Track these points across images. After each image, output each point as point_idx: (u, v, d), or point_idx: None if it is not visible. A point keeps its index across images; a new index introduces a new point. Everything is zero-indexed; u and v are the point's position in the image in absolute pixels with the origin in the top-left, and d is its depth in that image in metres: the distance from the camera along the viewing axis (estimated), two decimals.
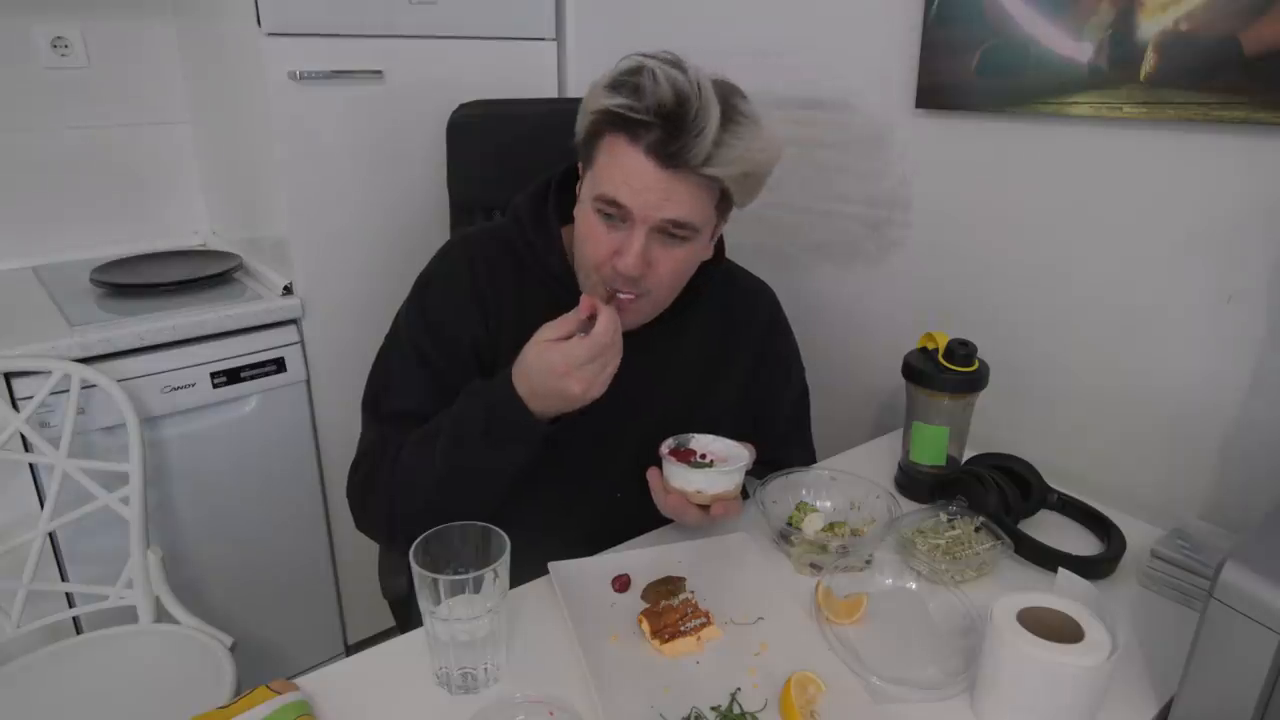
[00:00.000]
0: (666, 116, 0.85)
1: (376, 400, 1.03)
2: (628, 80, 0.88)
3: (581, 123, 0.93)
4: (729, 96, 0.89)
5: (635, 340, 1.03)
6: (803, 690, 0.76)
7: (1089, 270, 1.15)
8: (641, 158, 0.87)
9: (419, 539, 0.77)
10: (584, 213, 0.94)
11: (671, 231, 0.91)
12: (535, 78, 1.83)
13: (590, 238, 0.93)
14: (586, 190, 0.93)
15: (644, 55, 0.90)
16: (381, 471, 0.98)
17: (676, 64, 0.89)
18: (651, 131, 0.86)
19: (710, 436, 0.97)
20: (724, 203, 0.94)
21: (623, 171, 0.88)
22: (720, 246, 1.07)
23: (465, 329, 1.01)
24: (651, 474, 0.96)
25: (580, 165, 0.97)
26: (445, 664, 0.78)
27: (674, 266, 0.94)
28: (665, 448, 0.95)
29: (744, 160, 0.88)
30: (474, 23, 1.69)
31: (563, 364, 0.85)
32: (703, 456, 0.95)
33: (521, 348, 1.01)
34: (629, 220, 0.90)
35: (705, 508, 0.92)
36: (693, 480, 0.91)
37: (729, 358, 1.11)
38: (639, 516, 1.00)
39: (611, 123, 0.88)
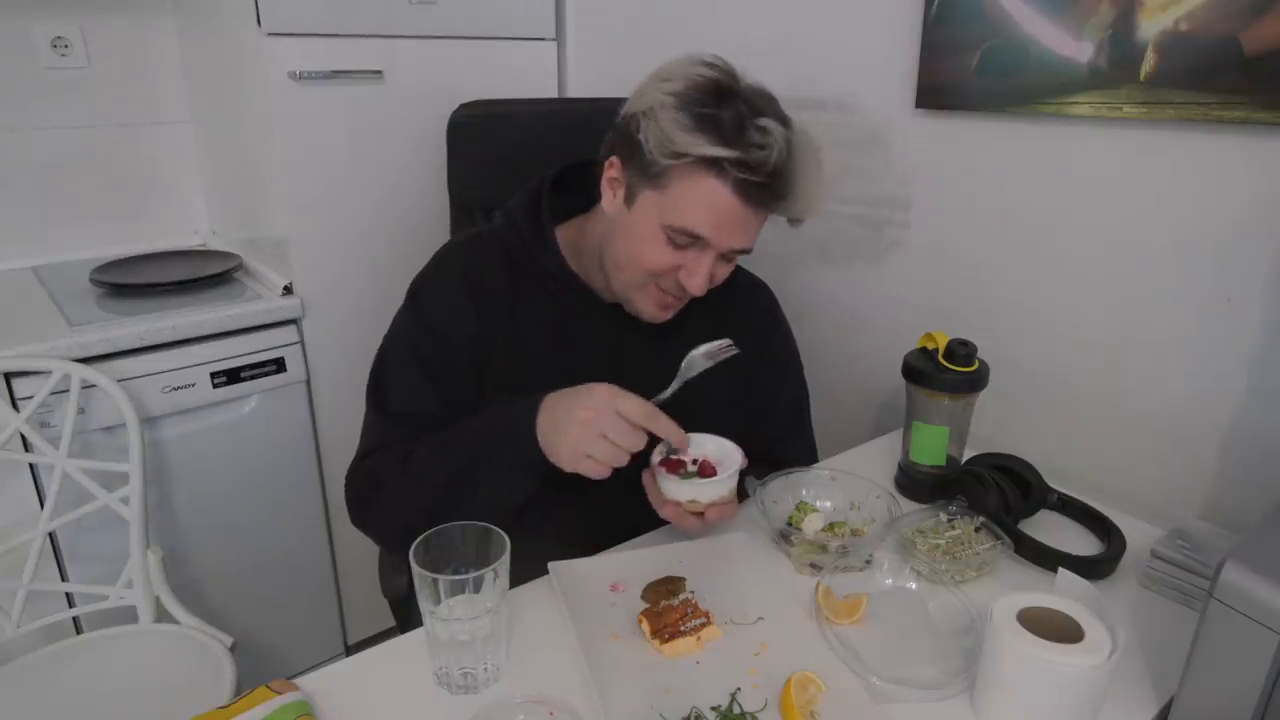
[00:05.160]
0: (773, 174, 0.87)
1: (379, 403, 1.05)
2: (723, 125, 0.85)
3: (657, 146, 0.87)
4: (816, 143, 0.91)
5: (634, 329, 1.03)
6: (803, 690, 0.76)
7: (1089, 270, 1.15)
8: (729, 196, 0.88)
9: (419, 539, 0.77)
10: (645, 229, 0.93)
11: (734, 256, 0.96)
12: (535, 78, 1.83)
13: (654, 250, 0.93)
14: (651, 210, 0.92)
15: (724, 77, 0.89)
16: (384, 478, 0.99)
17: (770, 108, 0.89)
18: (748, 180, 0.86)
19: (704, 436, 0.96)
20: None
21: (707, 210, 0.89)
22: None
23: (459, 327, 1.02)
24: (646, 476, 0.96)
25: (621, 170, 0.94)
26: (445, 664, 0.78)
27: (725, 276, 0.99)
28: (657, 456, 0.93)
29: (824, 198, 0.93)
30: (474, 23, 1.69)
31: (600, 401, 0.84)
32: (694, 462, 0.94)
33: (518, 347, 1.02)
34: (700, 247, 0.92)
35: (701, 514, 0.91)
36: (684, 491, 0.90)
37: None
38: (639, 511, 1.00)
39: (707, 164, 0.87)
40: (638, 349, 1.06)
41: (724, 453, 0.95)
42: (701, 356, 0.92)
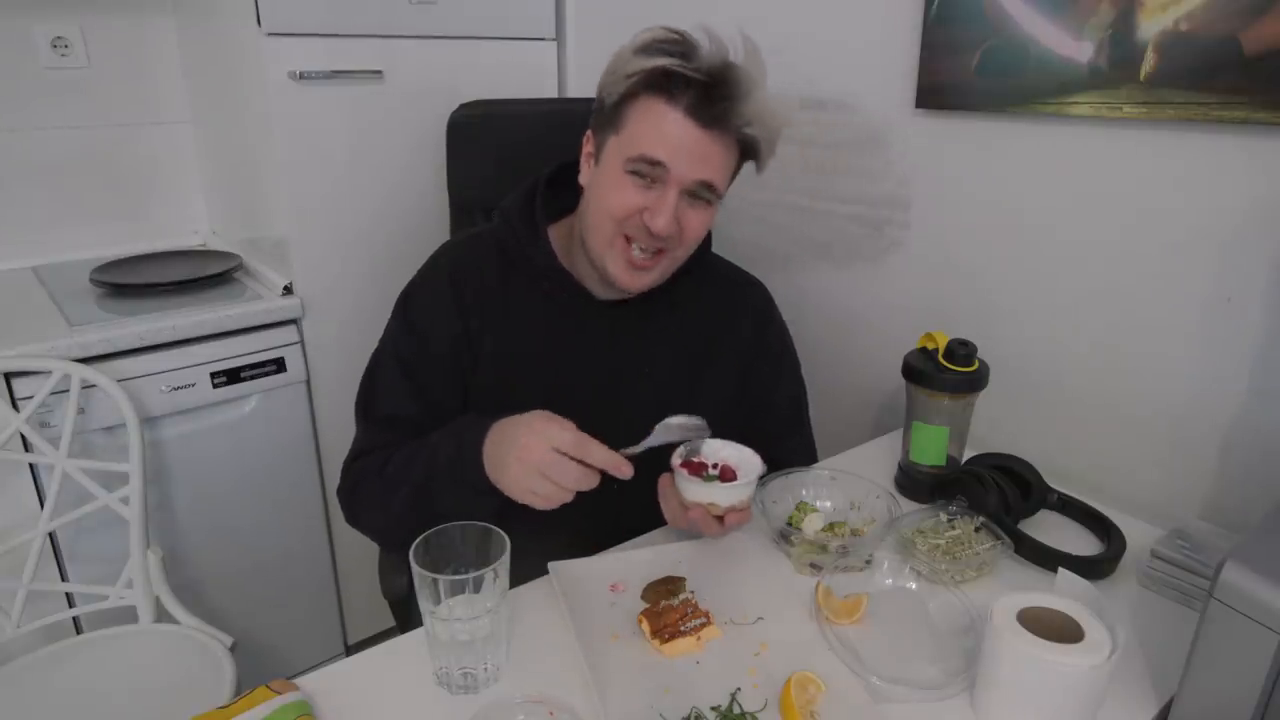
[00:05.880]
0: (715, 76, 0.88)
1: (366, 406, 1.07)
2: (669, 46, 0.90)
3: (612, 89, 0.93)
4: (760, 56, 0.93)
5: (628, 326, 1.04)
6: (803, 690, 0.76)
7: (1089, 270, 1.15)
8: (681, 118, 0.89)
9: (419, 539, 0.77)
10: (610, 174, 0.95)
11: (700, 193, 0.94)
12: (535, 78, 1.84)
13: (618, 192, 0.94)
14: (613, 155, 0.94)
15: (684, 33, 0.92)
16: (367, 482, 1.01)
17: (708, 30, 0.92)
18: (693, 91, 0.88)
19: (720, 441, 0.96)
20: (739, 166, 0.98)
21: (660, 132, 0.90)
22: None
23: (442, 329, 1.03)
24: (663, 481, 0.96)
25: (593, 140, 0.98)
26: (445, 664, 0.78)
27: (698, 228, 0.98)
28: (677, 459, 0.94)
29: (776, 118, 0.93)
30: (474, 23, 1.69)
31: (532, 436, 0.83)
32: (714, 466, 0.95)
33: (510, 347, 1.03)
34: (663, 181, 0.92)
35: (719, 518, 0.92)
36: (703, 494, 0.91)
37: (721, 346, 1.12)
38: (639, 506, 1.00)
39: (652, 84, 0.90)
40: (632, 347, 1.07)
41: (742, 458, 0.95)
42: (676, 427, 0.91)
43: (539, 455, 0.82)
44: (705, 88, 0.88)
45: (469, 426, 0.91)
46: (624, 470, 0.83)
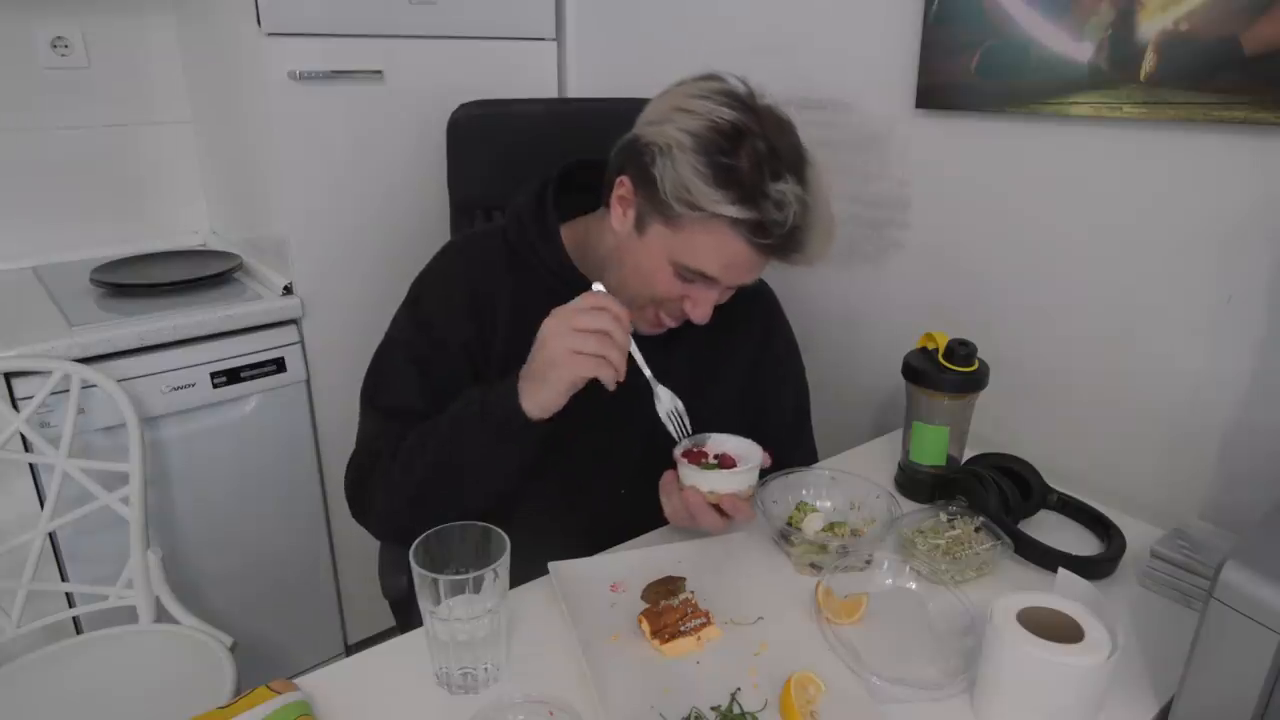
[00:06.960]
0: (787, 235, 0.88)
1: (372, 397, 1.06)
2: (741, 173, 0.85)
3: (673, 191, 0.87)
4: (826, 195, 0.92)
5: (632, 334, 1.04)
6: (803, 690, 0.76)
7: (1089, 270, 1.15)
8: (742, 246, 0.89)
9: (419, 539, 0.77)
10: (654, 259, 0.93)
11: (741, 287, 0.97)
12: (535, 78, 1.84)
13: (660, 281, 0.94)
14: (661, 244, 0.92)
15: (742, 118, 0.87)
16: (375, 467, 1.00)
17: (787, 151, 0.89)
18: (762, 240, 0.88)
19: (724, 435, 0.97)
20: None
21: (720, 256, 0.90)
22: None
23: (456, 329, 1.02)
24: (665, 478, 0.96)
25: (632, 193, 0.93)
26: (445, 664, 0.78)
27: (726, 298, 0.99)
28: (679, 451, 0.94)
29: (832, 246, 0.93)
30: (474, 23, 1.69)
31: (558, 321, 0.87)
32: (715, 457, 0.95)
33: (520, 345, 1.03)
34: (709, 284, 0.93)
35: (720, 510, 0.91)
36: (708, 481, 0.91)
37: (728, 354, 1.12)
38: (643, 512, 1.00)
39: (722, 218, 0.87)
40: (642, 350, 1.06)
41: (744, 450, 0.96)
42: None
43: (568, 325, 0.86)
44: (780, 244, 0.89)
45: (496, 382, 0.93)
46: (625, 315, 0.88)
